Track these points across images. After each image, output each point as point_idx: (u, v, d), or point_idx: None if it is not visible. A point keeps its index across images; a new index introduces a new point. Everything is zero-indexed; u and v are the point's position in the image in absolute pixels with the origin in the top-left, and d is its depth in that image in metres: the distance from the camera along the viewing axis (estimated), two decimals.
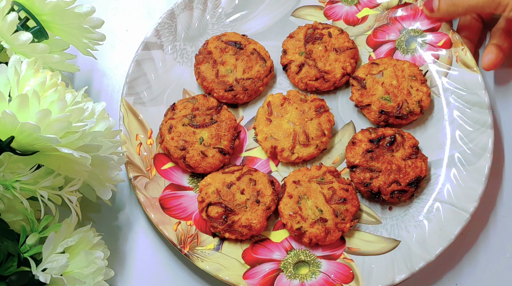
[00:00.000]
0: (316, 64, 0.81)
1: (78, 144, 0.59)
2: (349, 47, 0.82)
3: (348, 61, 0.82)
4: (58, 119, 0.57)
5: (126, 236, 0.76)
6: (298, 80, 0.81)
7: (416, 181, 0.75)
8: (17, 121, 0.55)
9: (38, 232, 0.63)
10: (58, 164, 0.61)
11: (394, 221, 0.76)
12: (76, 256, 0.63)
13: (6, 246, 0.59)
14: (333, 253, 0.74)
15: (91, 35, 0.70)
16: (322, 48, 0.82)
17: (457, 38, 0.82)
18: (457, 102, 0.80)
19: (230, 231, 0.72)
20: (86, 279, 0.62)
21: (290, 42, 0.83)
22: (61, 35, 0.70)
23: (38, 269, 0.59)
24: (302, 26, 0.84)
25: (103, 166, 0.65)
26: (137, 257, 0.76)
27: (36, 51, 0.65)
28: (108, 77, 0.86)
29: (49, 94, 0.58)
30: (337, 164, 0.79)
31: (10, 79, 0.58)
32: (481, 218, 0.78)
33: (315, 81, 0.81)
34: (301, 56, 0.82)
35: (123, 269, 0.75)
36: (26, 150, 0.59)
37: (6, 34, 0.64)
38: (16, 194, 0.61)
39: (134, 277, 0.75)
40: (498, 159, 0.81)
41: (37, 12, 0.67)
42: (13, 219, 0.64)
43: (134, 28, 0.89)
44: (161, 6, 0.90)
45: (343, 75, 0.81)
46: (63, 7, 0.67)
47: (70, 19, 0.68)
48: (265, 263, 0.73)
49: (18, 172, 0.62)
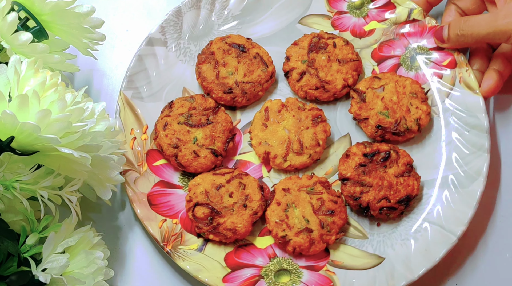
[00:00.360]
0: (317, 73, 0.81)
1: (78, 144, 0.59)
2: (353, 59, 0.82)
3: (350, 73, 0.81)
4: (58, 119, 0.57)
5: (126, 236, 0.77)
6: (299, 88, 0.81)
7: (407, 199, 0.74)
8: (17, 121, 0.55)
9: (38, 232, 0.64)
10: (58, 164, 0.61)
11: (381, 238, 0.75)
12: (76, 256, 0.63)
13: (6, 246, 0.60)
14: (316, 264, 0.73)
15: (91, 35, 0.70)
16: (325, 57, 0.82)
17: (462, 59, 0.82)
18: (457, 123, 0.79)
19: (214, 232, 0.72)
20: (86, 279, 0.62)
21: (294, 49, 0.83)
22: (61, 35, 0.70)
23: (38, 269, 0.59)
24: (308, 34, 0.84)
25: (103, 166, 0.65)
26: (137, 257, 0.76)
27: (36, 51, 0.65)
28: (108, 77, 0.86)
29: (49, 94, 0.59)
30: (330, 175, 0.79)
31: (10, 79, 0.59)
32: (481, 218, 0.78)
33: (315, 90, 0.81)
34: (303, 64, 0.82)
35: (123, 269, 0.75)
36: (26, 150, 0.59)
37: (6, 34, 0.64)
38: (16, 194, 0.61)
39: (134, 277, 0.75)
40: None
41: (37, 12, 0.67)
42: (13, 219, 0.64)
43: (134, 28, 0.89)
44: (161, 6, 0.90)
45: (344, 86, 0.81)
46: (63, 7, 0.67)
47: (70, 19, 0.68)
48: (247, 268, 0.73)
49: (18, 172, 0.62)
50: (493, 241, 0.78)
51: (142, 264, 0.75)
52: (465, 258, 0.77)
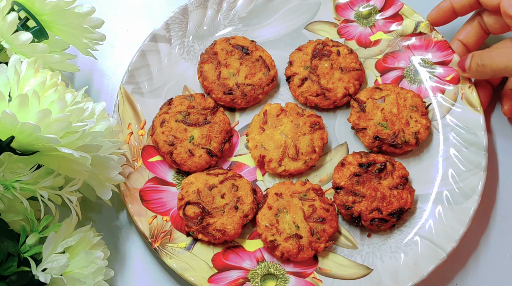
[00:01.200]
0: (319, 80, 0.81)
1: (78, 143, 0.59)
2: (355, 69, 0.82)
3: (352, 82, 0.81)
4: (58, 119, 0.57)
5: (126, 236, 0.77)
6: (299, 93, 0.81)
7: (399, 212, 0.74)
8: (17, 121, 0.55)
9: (38, 232, 0.64)
10: (58, 164, 0.61)
11: (370, 249, 0.75)
12: (76, 256, 0.63)
13: (6, 246, 0.60)
14: (304, 270, 0.73)
15: (91, 35, 0.70)
16: (328, 65, 0.81)
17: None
18: (455, 139, 0.79)
19: (203, 232, 0.72)
20: (86, 279, 0.62)
21: (297, 55, 0.83)
22: (61, 35, 0.71)
23: (38, 269, 0.59)
24: (313, 41, 0.84)
25: (103, 166, 0.65)
26: (137, 257, 0.76)
27: (36, 51, 0.65)
28: (108, 77, 0.86)
29: (49, 94, 0.59)
30: (324, 182, 0.79)
31: (10, 79, 0.59)
32: (481, 218, 0.78)
33: (316, 97, 0.81)
34: (305, 70, 0.81)
35: (123, 269, 0.75)
36: (26, 149, 0.59)
37: (6, 34, 0.64)
38: (16, 194, 0.61)
39: (134, 277, 0.75)
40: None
41: (37, 12, 0.68)
42: (13, 219, 0.65)
43: (134, 28, 0.89)
44: (161, 6, 0.90)
45: (345, 95, 0.81)
46: (63, 7, 0.67)
47: (70, 19, 0.68)
48: (234, 270, 0.73)
49: (18, 172, 0.62)
50: (493, 241, 0.78)
51: (142, 264, 0.76)
52: (465, 258, 0.77)
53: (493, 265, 0.77)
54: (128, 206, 0.73)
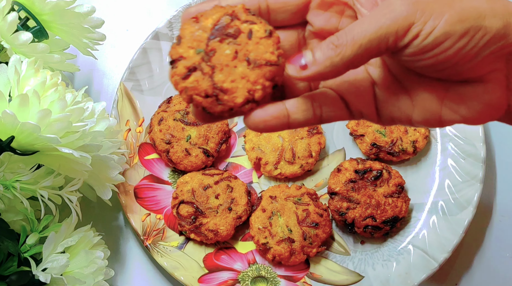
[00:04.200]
0: (213, 74, 0.44)
1: (78, 143, 0.59)
2: (270, 63, 0.44)
3: (261, 83, 0.44)
4: (58, 119, 0.57)
5: (126, 236, 0.77)
6: (182, 89, 0.44)
7: (393, 220, 0.74)
8: (17, 121, 0.55)
9: (38, 232, 0.64)
10: (58, 163, 0.61)
11: (363, 256, 0.75)
12: (76, 256, 0.63)
13: (6, 246, 0.60)
14: (295, 275, 0.73)
15: (91, 35, 0.70)
16: (230, 52, 0.44)
17: None
18: (453, 150, 0.79)
19: (196, 232, 0.72)
20: (86, 279, 0.62)
21: (191, 28, 0.45)
22: (61, 35, 0.70)
23: (38, 269, 0.60)
24: (220, 7, 0.45)
25: (103, 166, 0.65)
26: (137, 257, 0.76)
27: (36, 51, 0.65)
28: (108, 77, 0.86)
29: (49, 94, 0.59)
30: (319, 187, 0.78)
31: (10, 79, 0.59)
32: (481, 218, 0.78)
33: (204, 98, 0.44)
34: (197, 55, 0.44)
35: (123, 269, 0.75)
36: (26, 149, 0.59)
37: (6, 34, 0.64)
38: (16, 193, 0.61)
39: (134, 277, 0.75)
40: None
41: (37, 12, 0.67)
42: (13, 219, 0.65)
43: (134, 28, 0.89)
44: (161, 6, 0.90)
45: (247, 101, 0.44)
46: (63, 7, 0.66)
47: (70, 19, 0.68)
48: (225, 271, 0.73)
49: (18, 172, 0.62)
50: (493, 241, 0.78)
51: (143, 263, 0.76)
52: (465, 258, 0.77)
53: (493, 265, 0.77)
54: (122, 202, 0.73)
